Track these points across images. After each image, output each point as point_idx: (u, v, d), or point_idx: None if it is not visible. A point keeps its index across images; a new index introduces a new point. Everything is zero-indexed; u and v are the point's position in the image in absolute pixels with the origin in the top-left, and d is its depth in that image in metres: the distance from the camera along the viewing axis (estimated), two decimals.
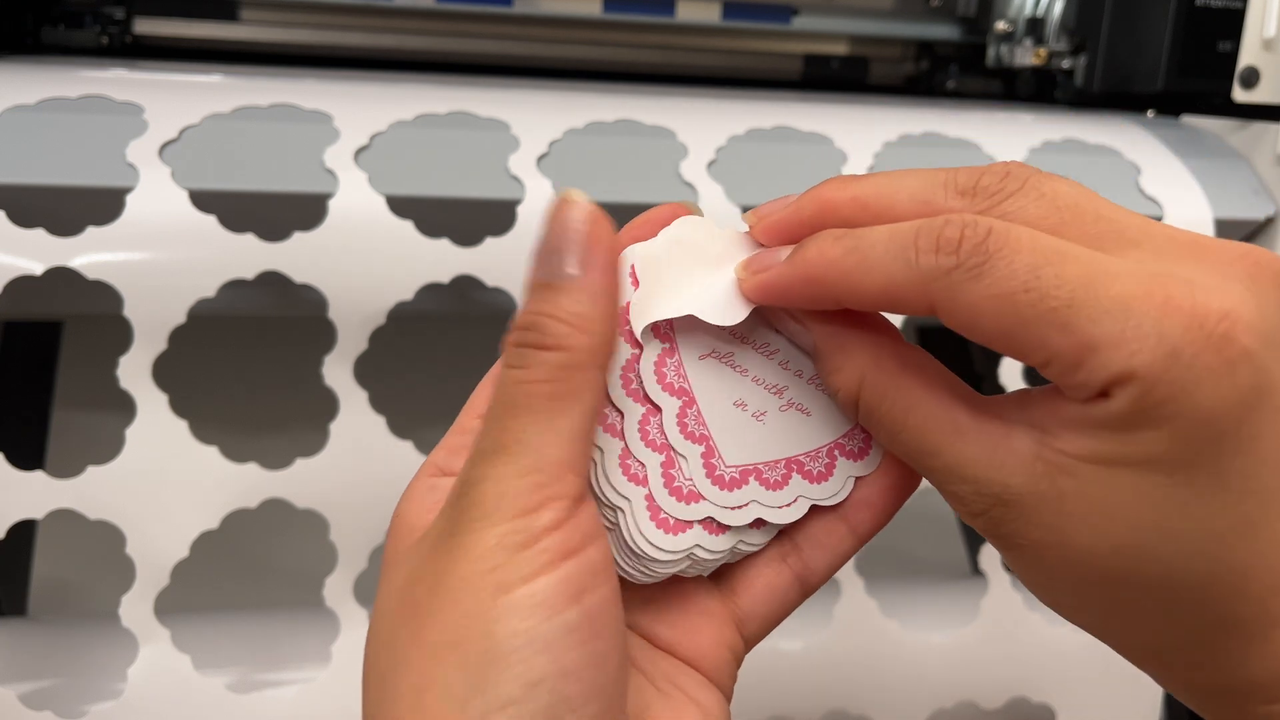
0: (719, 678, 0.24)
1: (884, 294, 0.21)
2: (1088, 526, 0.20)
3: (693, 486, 0.24)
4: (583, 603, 0.20)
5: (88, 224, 0.39)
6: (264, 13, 0.64)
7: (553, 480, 0.20)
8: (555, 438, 0.20)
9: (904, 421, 0.22)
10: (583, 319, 0.21)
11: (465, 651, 0.19)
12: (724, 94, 0.55)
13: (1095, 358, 0.19)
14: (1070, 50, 0.62)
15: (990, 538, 0.22)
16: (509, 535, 0.20)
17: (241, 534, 0.43)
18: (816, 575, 0.25)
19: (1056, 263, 0.19)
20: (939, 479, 0.22)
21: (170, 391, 0.40)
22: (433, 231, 0.42)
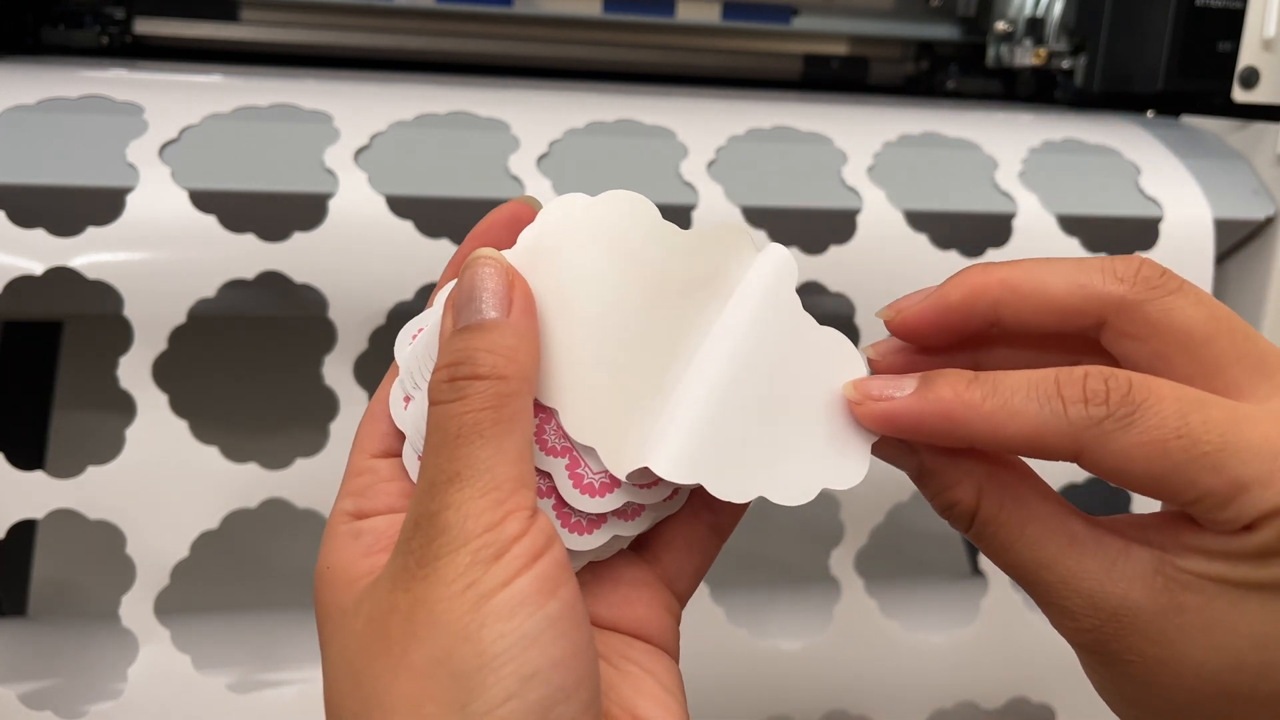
0: (664, 641, 0.25)
1: (1029, 441, 0.22)
2: (1208, 642, 0.22)
3: (604, 479, 0.24)
4: (559, 595, 0.21)
5: (88, 224, 0.39)
6: (264, 13, 0.64)
7: (509, 495, 0.21)
8: (503, 458, 0.21)
9: (1020, 532, 0.23)
10: (511, 350, 0.22)
11: (456, 661, 0.20)
12: (724, 94, 0.55)
13: (1247, 495, 0.21)
14: (1070, 50, 0.62)
15: (1093, 655, 0.23)
16: (480, 550, 0.20)
17: (242, 534, 0.43)
18: (727, 520, 0.26)
19: (1200, 409, 0.21)
20: (1050, 593, 0.23)
21: (170, 391, 0.40)
22: (433, 231, 0.42)
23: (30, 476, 0.39)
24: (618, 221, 0.25)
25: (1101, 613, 0.22)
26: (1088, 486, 0.47)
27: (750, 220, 0.44)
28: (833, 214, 0.46)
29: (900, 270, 0.45)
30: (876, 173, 0.47)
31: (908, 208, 0.46)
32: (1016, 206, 0.47)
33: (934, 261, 0.46)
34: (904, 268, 0.45)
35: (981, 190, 0.48)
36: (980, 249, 0.46)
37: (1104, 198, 0.49)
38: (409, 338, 0.25)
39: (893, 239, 0.45)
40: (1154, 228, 0.48)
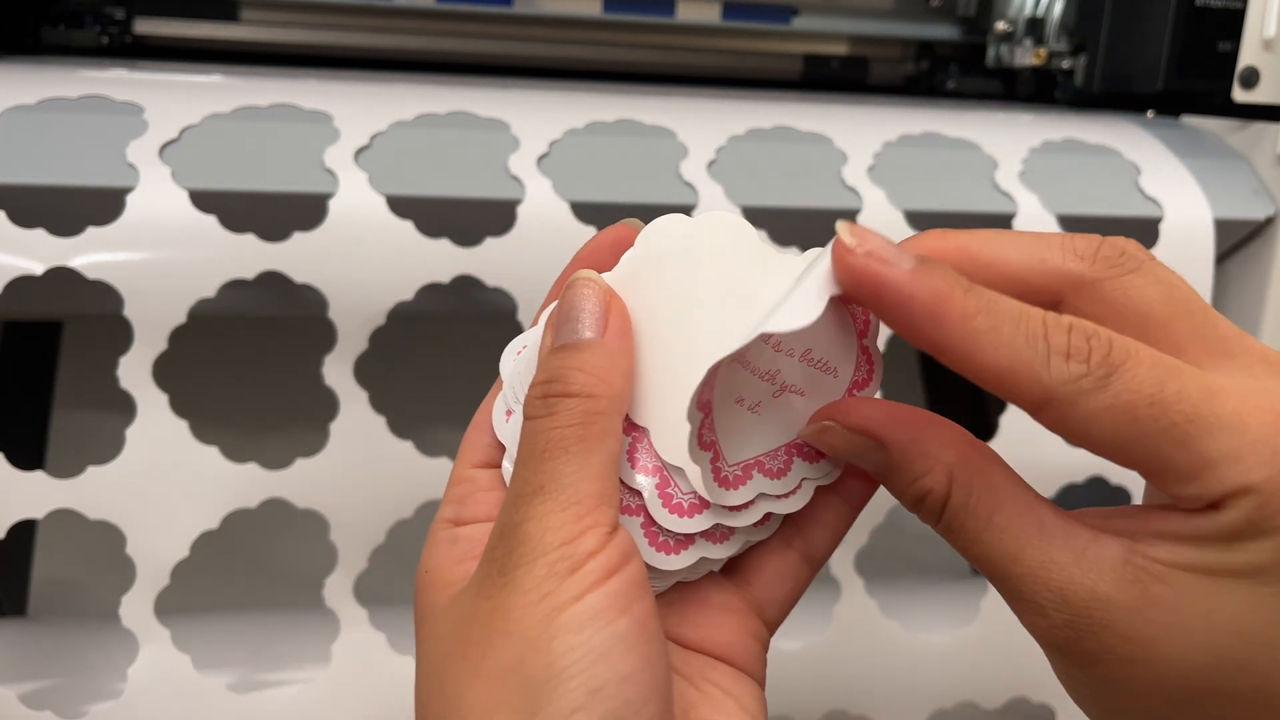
0: (750, 667, 0.25)
1: (1001, 376, 0.21)
2: (1184, 638, 0.20)
3: (693, 500, 0.24)
4: (631, 612, 0.21)
5: (88, 224, 0.39)
6: (264, 13, 0.64)
7: (589, 511, 0.21)
8: (587, 474, 0.22)
9: (989, 519, 0.22)
10: (603, 370, 0.23)
11: (527, 671, 0.20)
12: (724, 94, 0.55)
13: (1212, 471, 0.20)
14: (1070, 50, 0.62)
15: (1066, 656, 0.22)
16: (557, 563, 0.21)
17: (242, 534, 0.43)
18: (821, 551, 0.26)
19: (1177, 378, 0.20)
20: (1020, 587, 0.22)
21: (170, 391, 0.40)
22: (433, 231, 0.42)
23: (30, 476, 0.39)
24: (715, 243, 0.25)
25: (1071, 607, 0.21)
26: (1088, 486, 0.47)
27: (751, 220, 0.44)
28: (833, 214, 0.46)
29: None
30: (876, 173, 0.47)
31: (908, 208, 0.46)
32: (1016, 206, 0.47)
33: None
34: None
35: (981, 190, 0.48)
36: None
37: (1104, 198, 0.49)
38: (514, 354, 0.26)
39: (894, 239, 0.45)
40: (1154, 228, 0.48)
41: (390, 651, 0.42)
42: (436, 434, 0.54)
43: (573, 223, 0.43)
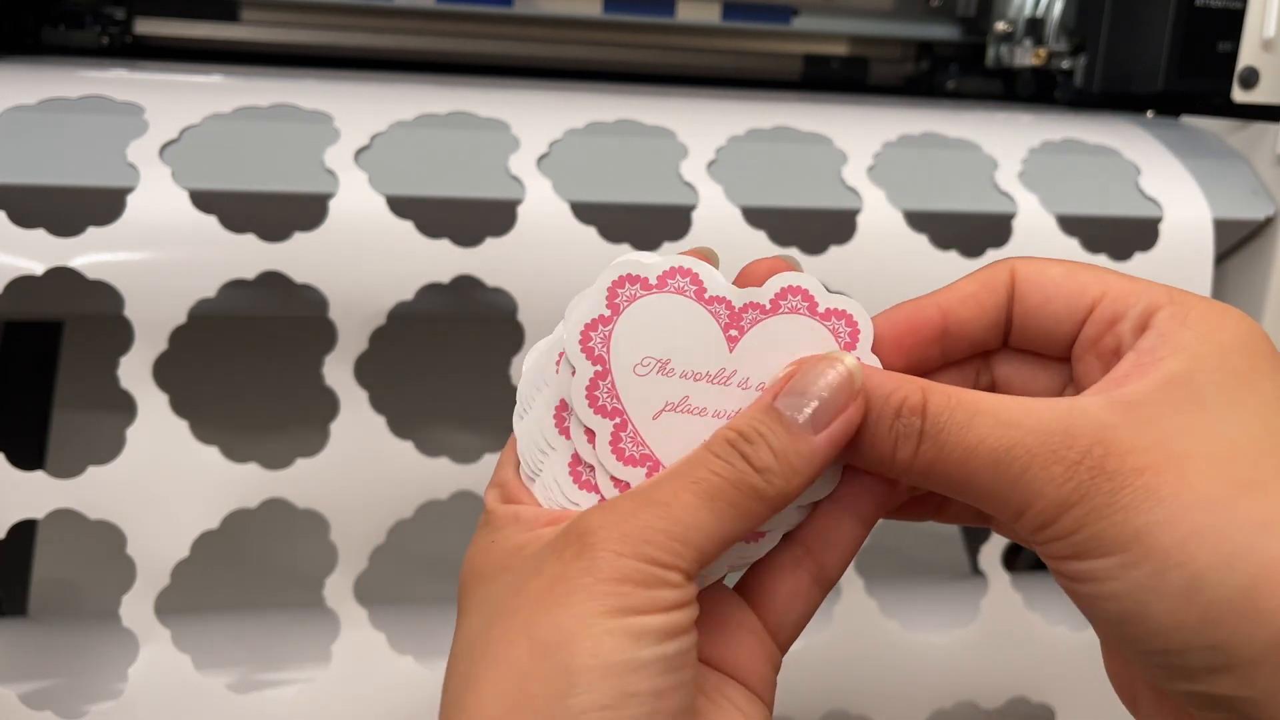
0: (760, 689, 0.25)
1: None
2: (1190, 437, 0.22)
3: None
4: (680, 640, 0.22)
5: (88, 224, 0.39)
6: (264, 13, 0.64)
7: (688, 556, 0.22)
8: (707, 529, 0.22)
9: (976, 409, 0.23)
10: (792, 469, 0.23)
11: (572, 654, 0.21)
12: (724, 94, 0.55)
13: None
14: (1070, 51, 0.62)
15: (1088, 514, 0.21)
16: (638, 572, 0.21)
17: (242, 534, 0.43)
18: (832, 571, 0.26)
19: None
20: (1025, 462, 0.22)
21: (171, 391, 0.40)
22: (433, 231, 0.42)
23: (31, 476, 0.39)
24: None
25: (1081, 441, 0.22)
26: None
27: (750, 220, 0.44)
28: (833, 214, 0.46)
29: (900, 270, 0.45)
30: (876, 173, 0.47)
31: (908, 208, 0.46)
32: (1016, 207, 0.47)
33: (934, 262, 0.46)
34: (904, 268, 0.45)
35: (981, 190, 0.48)
36: (980, 249, 0.46)
37: (1104, 198, 0.49)
38: (550, 357, 0.26)
39: (893, 239, 0.45)
40: (1154, 228, 0.48)
41: (390, 651, 0.42)
42: (436, 434, 0.54)
43: (573, 223, 0.43)
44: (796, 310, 0.25)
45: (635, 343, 0.25)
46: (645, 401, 0.25)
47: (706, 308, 0.25)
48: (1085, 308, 0.24)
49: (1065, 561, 0.22)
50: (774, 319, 0.25)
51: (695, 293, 0.25)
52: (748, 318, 0.25)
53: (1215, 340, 0.23)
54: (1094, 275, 0.25)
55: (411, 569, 0.61)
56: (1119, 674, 0.25)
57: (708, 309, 0.25)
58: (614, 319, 0.25)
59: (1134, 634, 0.22)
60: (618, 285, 0.25)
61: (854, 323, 0.25)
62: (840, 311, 0.25)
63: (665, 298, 0.25)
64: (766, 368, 0.25)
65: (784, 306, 0.25)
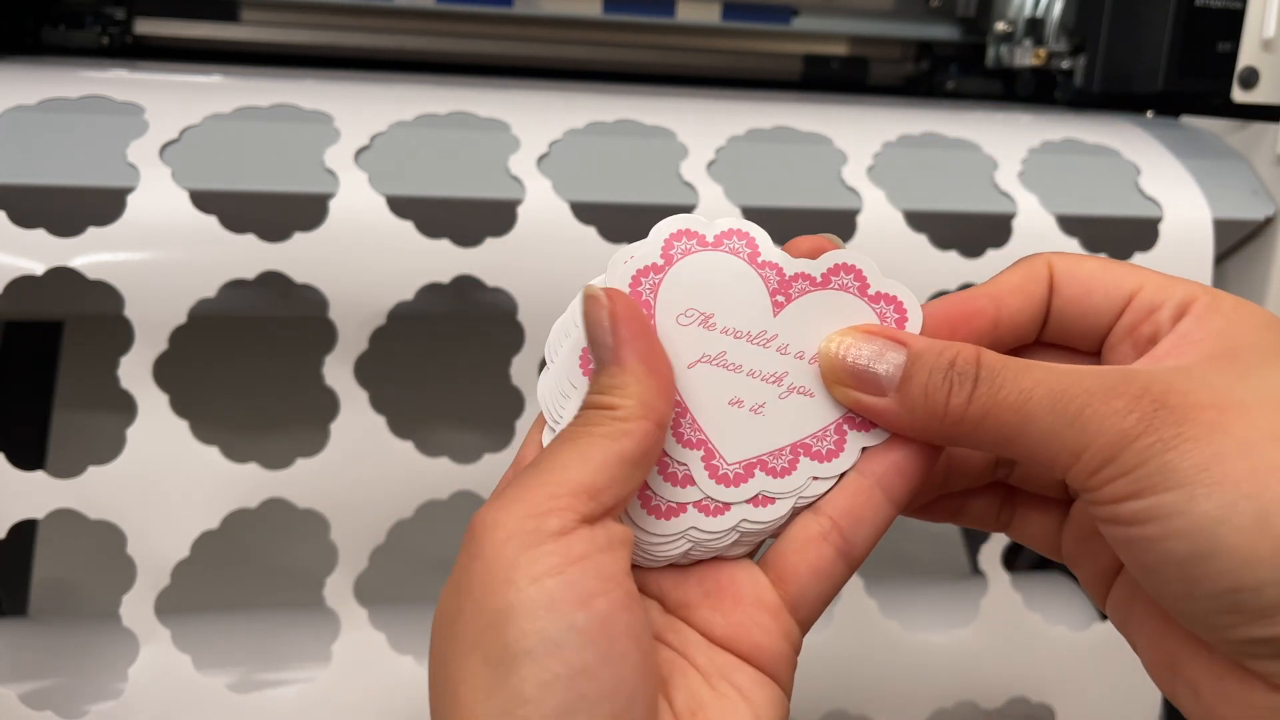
0: (775, 670, 0.25)
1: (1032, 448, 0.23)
2: (1245, 383, 0.22)
3: (687, 471, 0.25)
4: (592, 606, 0.21)
5: (89, 224, 0.39)
6: (264, 13, 0.64)
7: (566, 494, 0.22)
8: (583, 464, 0.22)
9: (1028, 363, 0.23)
10: (621, 383, 0.23)
11: (487, 650, 0.21)
12: (724, 94, 0.55)
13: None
14: (1070, 51, 0.62)
15: (1150, 447, 0.21)
16: (517, 535, 0.21)
17: (242, 534, 0.44)
18: (859, 548, 0.25)
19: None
20: (1086, 408, 0.22)
21: (171, 391, 0.40)
22: (433, 232, 0.42)
23: (31, 476, 0.39)
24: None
25: (1138, 383, 0.22)
26: None
27: (750, 220, 0.44)
28: (832, 214, 0.46)
29: (900, 270, 0.45)
30: (876, 173, 0.47)
31: (907, 208, 0.46)
32: (1016, 207, 0.47)
33: (934, 261, 0.46)
34: (904, 268, 0.45)
35: (981, 190, 0.48)
36: (980, 249, 0.46)
37: (1103, 198, 0.49)
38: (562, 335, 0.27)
39: (892, 239, 0.45)
40: (1153, 228, 0.48)
41: (390, 651, 0.42)
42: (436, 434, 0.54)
43: (573, 223, 0.43)
44: (846, 288, 0.26)
45: (683, 294, 0.25)
46: (684, 350, 0.25)
47: (758, 271, 0.26)
48: (1124, 298, 0.25)
49: (1124, 503, 0.21)
50: (822, 293, 0.26)
51: (749, 255, 0.26)
52: (797, 287, 0.25)
53: (1248, 324, 0.23)
54: (1129, 269, 0.25)
55: (412, 569, 0.61)
56: (1161, 652, 0.24)
57: (759, 272, 0.26)
58: (665, 269, 0.25)
59: (1203, 573, 0.21)
60: (674, 238, 0.26)
61: (902, 309, 0.25)
62: (890, 296, 0.25)
63: (719, 256, 0.25)
64: (807, 338, 0.25)
65: (834, 283, 0.26)
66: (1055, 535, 0.28)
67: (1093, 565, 0.27)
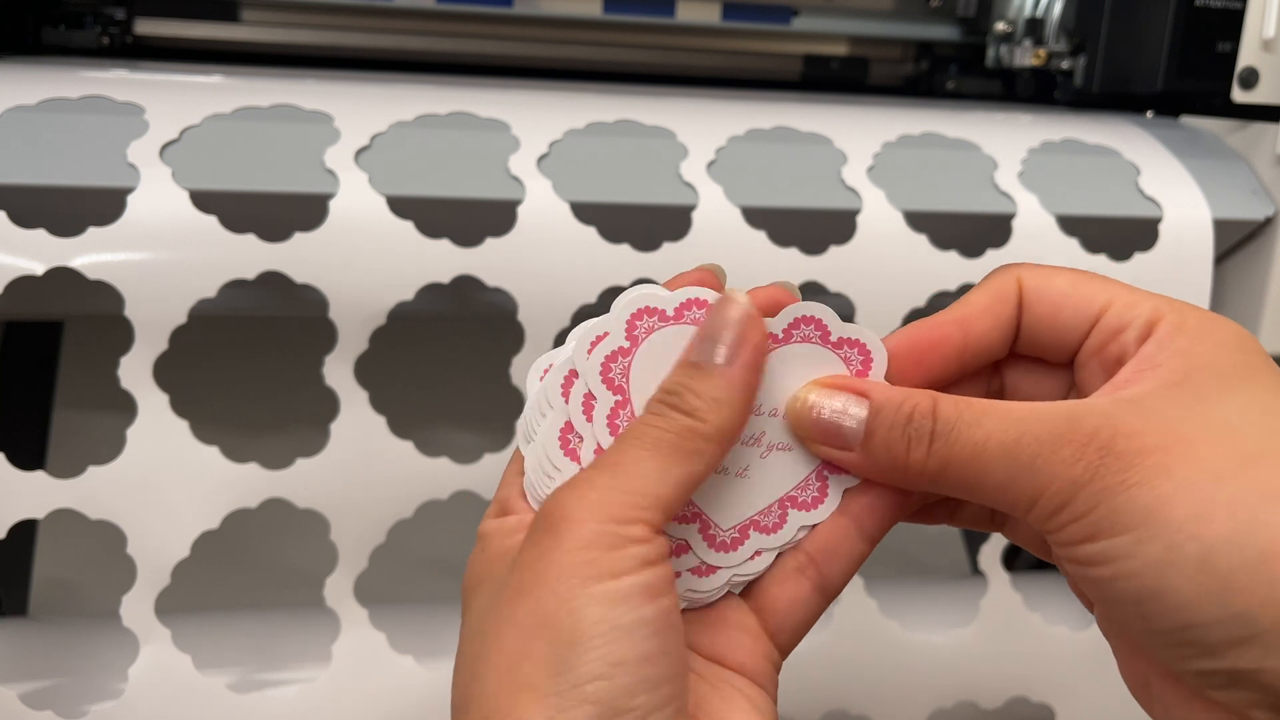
0: (762, 683, 0.26)
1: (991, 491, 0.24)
2: (1193, 421, 0.22)
3: (684, 544, 0.26)
4: (658, 603, 0.22)
5: (89, 224, 0.39)
6: (265, 13, 0.64)
7: (647, 506, 0.23)
8: (662, 477, 0.23)
9: (984, 411, 0.24)
10: (718, 402, 0.24)
11: (557, 631, 0.22)
12: (724, 94, 0.55)
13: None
14: (1069, 51, 0.62)
15: (1101, 491, 0.22)
16: (602, 536, 0.22)
17: (242, 534, 0.44)
18: (835, 582, 0.27)
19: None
20: (1037, 453, 0.23)
21: (171, 391, 0.40)
22: (433, 232, 0.42)
23: (31, 476, 0.39)
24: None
25: (1084, 430, 0.22)
26: None
27: (750, 221, 0.44)
28: (832, 214, 0.46)
29: (900, 270, 0.45)
30: (876, 173, 0.47)
31: (907, 208, 0.46)
32: (1016, 207, 0.47)
33: (934, 262, 0.46)
34: (903, 268, 0.45)
35: (981, 191, 0.48)
36: (980, 249, 0.46)
37: (1103, 198, 0.49)
38: (539, 374, 0.27)
39: (892, 239, 0.46)
40: (1153, 228, 0.48)
41: (391, 651, 0.42)
42: (436, 434, 0.54)
43: (573, 223, 0.43)
44: (808, 339, 0.26)
45: (654, 373, 0.25)
46: None
47: None
48: (1091, 317, 0.25)
49: (1079, 546, 0.22)
50: (786, 347, 0.26)
51: None
52: None
53: (1210, 341, 0.23)
54: (1099, 285, 0.25)
55: (412, 569, 0.61)
56: (1133, 672, 0.26)
57: None
58: (633, 350, 0.26)
59: (1154, 611, 0.22)
60: (636, 317, 0.26)
61: (866, 351, 0.26)
62: (852, 340, 0.26)
63: (683, 329, 0.26)
64: (778, 395, 0.26)
65: (796, 336, 0.26)
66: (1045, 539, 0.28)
67: None
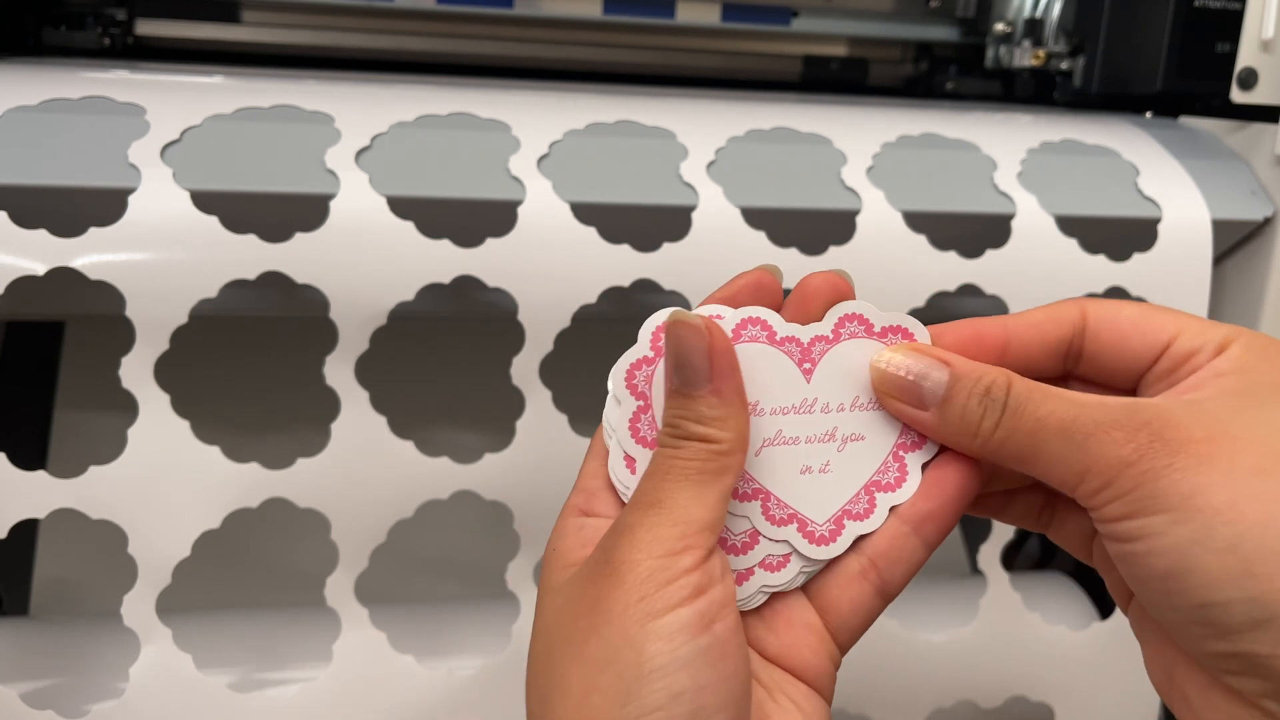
0: (821, 685, 0.28)
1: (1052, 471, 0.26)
2: (1241, 414, 0.24)
3: (789, 549, 0.28)
4: (713, 630, 0.24)
5: (90, 224, 0.39)
6: (265, 14, 0.64)
7: (693, 533, 0.25)
8: (699, 502, 0.25)
9: (1048, 391, 0.26)
10: (720, 419, 0.26)
11: (621, 666, 0.24)
12: (724, 95, 0.55)
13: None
14: (1069, 51, 0.62)
15: (1144, 475, 0.23)
16: (658, 571, 0.24)
17: (243, 533, 0.44)
18: (894, 586, 0.28)
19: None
20: (1093, 431, 0.24)
21: (172, 391, 0.40)
22: (434, 232, 0.42)
23: (32, 476, 0.39)
24: None
25: (1144, 415, 0.24)
26: None
27: (750, 221, 0.45)
28: (832, 215, 0.46)
29: (899, 271, 0.45)
30: (875, 173, 0.47)
31: (907, 208, 0.46)
32: (1015, 207, 0.48)
33: (933, 262, 0.46)
34: (903, 268, 0.45)
35: (980, 191, 0.48)
36: (979, 250, 0.46)
37: (1102, 198, 0.49)
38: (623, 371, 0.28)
39: (892, 240, 0.46)
40: (1152, 228, 0.48)
41: (391, 650, 0.42)
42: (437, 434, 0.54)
43: (573, 223, 0.43)
44: (856, 335, 0.28)
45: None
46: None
47: (780, 349, 0.28)
48: (1162, 344, 0.27)
49: (1119, 522, 0.24)
50: (839, 345, 0.28)
51: (768, 337, 0.28)
52: (817, 349, 0.28)
53: (1274, 359, 0.25)
54: (1171, 315, 0.27)
55: (412, 568, 0.61)
56: (1158, 662, 0.27)
57: (781, 350, 0.28)
58: (656, 360, 0.28)
59: (1178, 587, 0.23)
60: (661, 330, 0.28)
61: (909, 335, 0.28)
62: (895, 327, 0.29)
63: (744, 347, 0.28)
64: (841, 390, 0.28)
65: (844, 334, 0.28)
66: (1088, 541, 0.30)
67: (1117, 573, 0.28)
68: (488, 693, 0.43)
